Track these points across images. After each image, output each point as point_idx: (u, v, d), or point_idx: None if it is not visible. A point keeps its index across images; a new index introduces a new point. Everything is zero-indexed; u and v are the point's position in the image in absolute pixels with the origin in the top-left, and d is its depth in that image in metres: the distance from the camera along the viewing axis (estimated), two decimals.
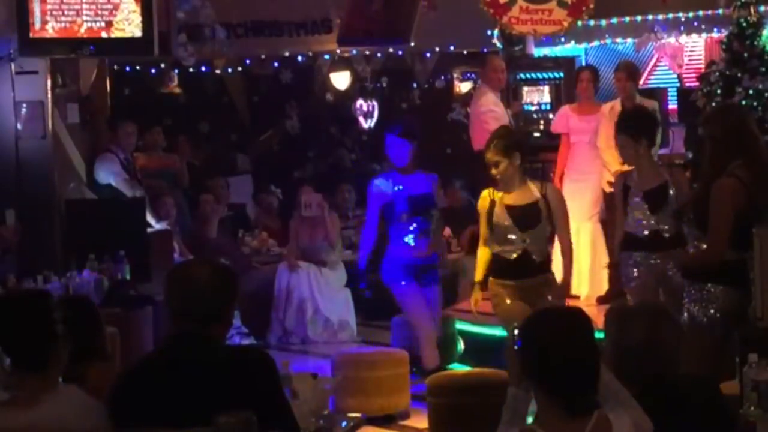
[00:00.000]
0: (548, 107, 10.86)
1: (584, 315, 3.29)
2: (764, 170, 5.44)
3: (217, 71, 11.94)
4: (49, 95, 8.66)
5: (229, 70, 12.12)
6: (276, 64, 12.04)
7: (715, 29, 9.85)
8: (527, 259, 6.69)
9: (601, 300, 8.55)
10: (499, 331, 7.51)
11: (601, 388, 3.19)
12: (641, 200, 6.58)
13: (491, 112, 9.58)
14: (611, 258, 7.80)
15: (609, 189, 8.41)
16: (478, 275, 6.96)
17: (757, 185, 5.35)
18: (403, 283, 7.68)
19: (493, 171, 6.71)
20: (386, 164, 8.16)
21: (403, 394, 7.49)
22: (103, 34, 8.34)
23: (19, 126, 8.60)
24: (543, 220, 6.72)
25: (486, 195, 6.84)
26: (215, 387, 3.49)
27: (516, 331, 3.33)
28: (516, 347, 3.31)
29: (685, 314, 5.42)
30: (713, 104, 8.72)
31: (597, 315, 6.26)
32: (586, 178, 9.03)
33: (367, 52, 11.34)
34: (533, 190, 6.75)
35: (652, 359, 3.58)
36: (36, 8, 8.25)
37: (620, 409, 3.21)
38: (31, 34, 8.28)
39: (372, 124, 13.16)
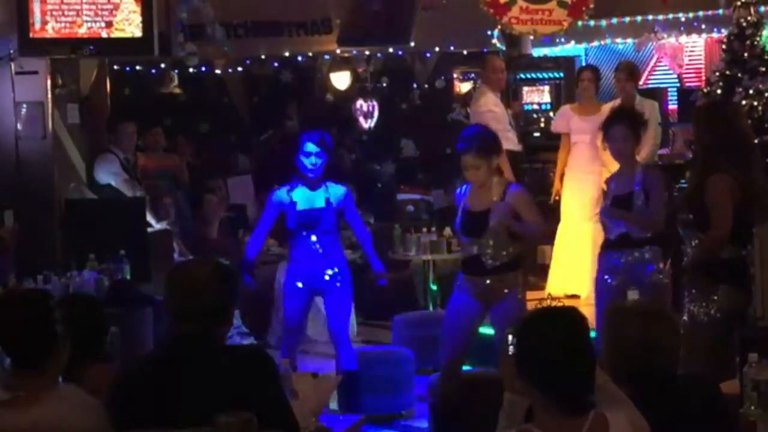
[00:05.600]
0: (548, 107, 10.89)
1: (579, 314, 3.30)
2: (758, 173, 5.44)
3: (217, 71, 11.92)
4: (49, 95, 8.64)
5: (230, 70, 12.10)
6: (276, 64, 12.03)
7: (715, 29, 9.86)
8: (477, 262, 6.37)
9: None
10: None
11: (596, 389, 3.20)
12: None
13: (491, 112, 9.59)
14: None
15: None
16: None
17: (750, 186, 5.35)
18: None
19: (470, 175, 6.35)
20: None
21: (405, 393, 7.49)
22: (103, 35, 8.33)
23: (19, 126, 8.58)
24: (489, 230, 6.31)
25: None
26: (215, 387, 3.49)
27: (510, 336, 3.34)
28: (510, 351, 3.32)
29: (686, 314, 5.43)
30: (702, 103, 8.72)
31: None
32: (587, 178, 9.04)
33: (367, 52, 11.32)
34: (493, 196, 6.34)
35: (647, 359, 3.58)
36: (36, 8, 8.23)
37: (617, 408, 3.21)
38: (31, 34, 8.26)
39: (372, 125, 13.15)
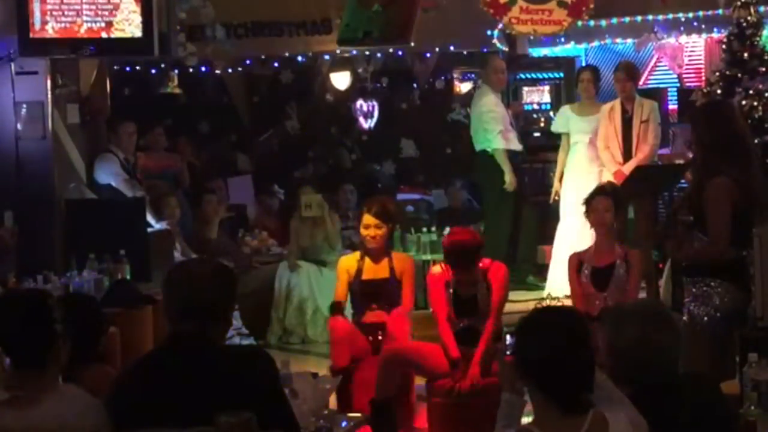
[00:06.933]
0: (548, 107, 10.91)
1: (579, 314, 3.32)
2: (756, 171, 5.45)
3: (217, 71, 11.92)
4: (49, 96, 8.65)
5: (229, 70, 12.10)
6: (276, 64, 12.03)
7: (715, 29, 9.85)
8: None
9: None
10: None
11: (595, 388, 3.20)
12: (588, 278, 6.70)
13: (492, 112, 9.61)
14: None
15: None
16: None
17: (750, 186, 5.36)
18: None
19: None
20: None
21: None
22: (103, 35, 8.33)
23: (19, 126, 8.58)
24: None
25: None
26: (215, 387, 3.48)
27: (508, 336, 3.35)
28: (508, 352, 3.33)
29: (686, 314, 5.43)
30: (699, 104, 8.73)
31: None
32: (587, 178, 9.04)
33: (367, 52, 11.32)
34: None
35: (645, 360, 3.58)
36: (36, 8, 8.24)
37: (616, 407, 3.22)
38: (31, 35, 8.26)
39: (372, 124, 13.15)
